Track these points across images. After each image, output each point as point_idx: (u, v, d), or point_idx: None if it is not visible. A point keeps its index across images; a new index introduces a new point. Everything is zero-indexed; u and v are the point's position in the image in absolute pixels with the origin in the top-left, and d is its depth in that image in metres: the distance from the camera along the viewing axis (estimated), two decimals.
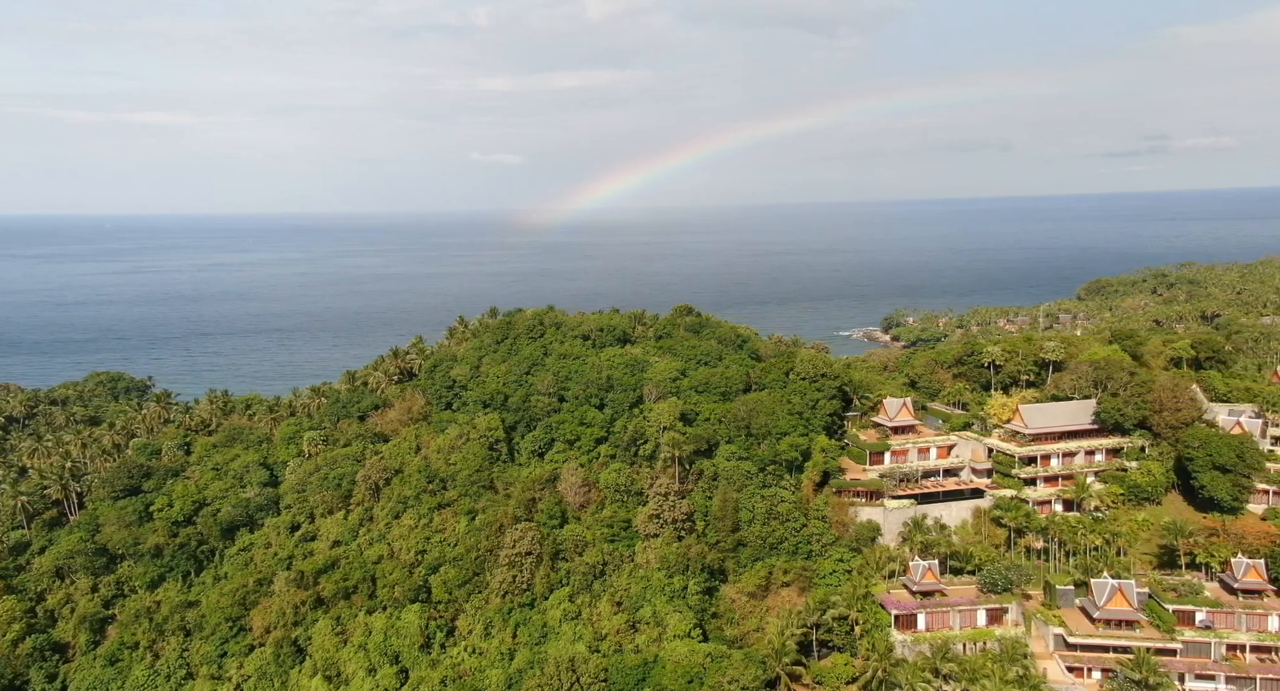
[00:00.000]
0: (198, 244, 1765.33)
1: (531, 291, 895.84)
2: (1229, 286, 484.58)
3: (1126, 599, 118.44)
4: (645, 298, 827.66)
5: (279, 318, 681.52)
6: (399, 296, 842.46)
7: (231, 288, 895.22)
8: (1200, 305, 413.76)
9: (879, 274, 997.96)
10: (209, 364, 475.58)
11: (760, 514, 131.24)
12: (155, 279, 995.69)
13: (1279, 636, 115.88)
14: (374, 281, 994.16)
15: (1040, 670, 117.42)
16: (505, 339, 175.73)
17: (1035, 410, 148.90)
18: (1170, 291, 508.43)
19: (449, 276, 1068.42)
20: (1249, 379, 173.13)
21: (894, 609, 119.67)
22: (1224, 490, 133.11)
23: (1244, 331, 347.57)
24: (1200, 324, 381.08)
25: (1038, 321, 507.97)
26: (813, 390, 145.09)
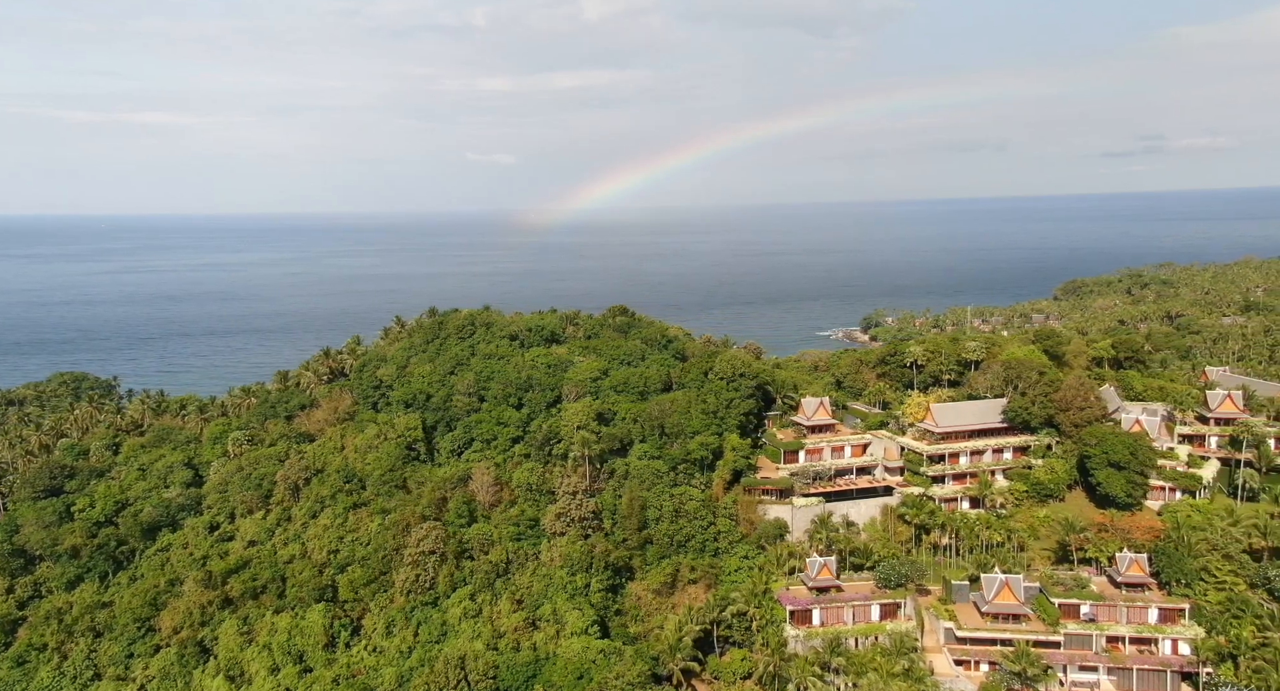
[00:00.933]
0: (192, 244, 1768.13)
1: (518, 291, 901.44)
2: (1200, 287, 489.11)
3: (1013, 593, 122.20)
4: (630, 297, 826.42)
5: (263, 317, 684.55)
6: (386, 296, 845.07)
7: (219, 288, 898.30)
8: (1166, 305, 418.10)
9: (868, 274, 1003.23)
10: (185, 364, 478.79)
11: (668, 512, 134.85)
12: (143, 279, 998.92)
13: (1157, 628, 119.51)
14: (364, 281, 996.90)
15: (928, 663, 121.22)
16: (435, 339, 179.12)
17: (945, 409, 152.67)
18: (1143, 291, 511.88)
19: (440, 276, 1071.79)
20: (1166, 378, 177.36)
21: (789, 604, 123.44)
22: (1119, 487, 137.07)
23: (1203, 331, 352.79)
24: (1162, 323, 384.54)
25: (1012, 321, 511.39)
26: (728, 390, 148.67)
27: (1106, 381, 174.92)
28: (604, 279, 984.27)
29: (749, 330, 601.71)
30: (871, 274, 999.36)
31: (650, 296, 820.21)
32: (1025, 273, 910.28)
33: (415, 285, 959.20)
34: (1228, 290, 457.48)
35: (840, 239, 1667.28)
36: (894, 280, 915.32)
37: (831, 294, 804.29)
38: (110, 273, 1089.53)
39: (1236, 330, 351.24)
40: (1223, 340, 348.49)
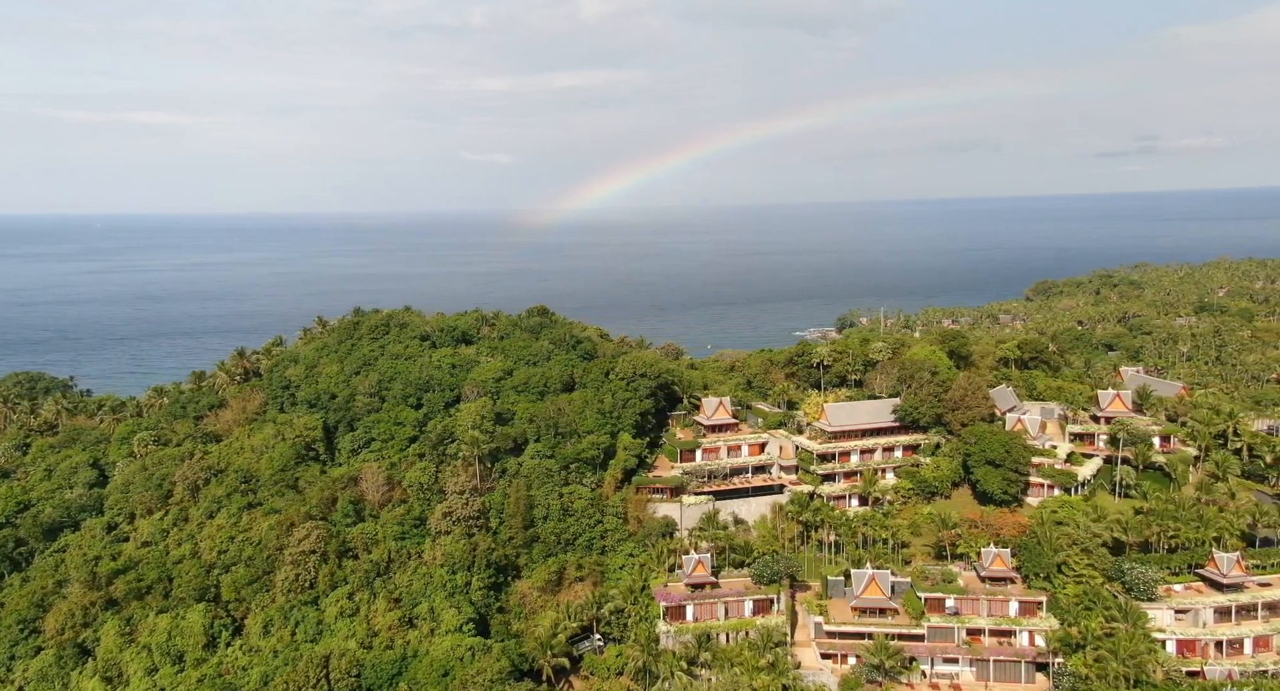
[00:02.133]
0: (185, 244, 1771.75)
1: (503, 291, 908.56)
2: (1164, 287, 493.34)
3: (879, 588, 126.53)
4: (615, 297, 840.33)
5: (243, 317, 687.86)
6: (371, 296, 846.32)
7: (203, 287, 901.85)
8: (1124, 306, 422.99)
9: (855, 274, 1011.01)
10: (156, 365, 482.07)
11: (555, 511, 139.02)
12: (129, 279, 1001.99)
13: (1014, 620, 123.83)
14: (352, 281, 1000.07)
15: (796, 657, 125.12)
16: (348, 339, 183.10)
17: (839, 409, 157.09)
18: (1111, 291, 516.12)
19: (428, 276, 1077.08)
20: (1069, 379, 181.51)
21: (664, 601, 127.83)
22: (995, 484, 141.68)
23: (1155, 332, 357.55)
24: (1117, 325, 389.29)
25: (980, 322, 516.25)
26: (625, 390, 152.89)
27: (1011, 382, 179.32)
28: (591, 279, 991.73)
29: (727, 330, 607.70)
30: (858, 274, 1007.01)
31: (634, 296, 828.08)
32: (1010, 273, 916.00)
33: (402, 285, 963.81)
34: (1190, 291, 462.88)
35: (832, 239, 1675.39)
36: (879, 281, 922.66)
37: (815, 294, 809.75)
38: (96, 272, 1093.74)
39: (1186, 331, 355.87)
40: (1172, 340, 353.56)
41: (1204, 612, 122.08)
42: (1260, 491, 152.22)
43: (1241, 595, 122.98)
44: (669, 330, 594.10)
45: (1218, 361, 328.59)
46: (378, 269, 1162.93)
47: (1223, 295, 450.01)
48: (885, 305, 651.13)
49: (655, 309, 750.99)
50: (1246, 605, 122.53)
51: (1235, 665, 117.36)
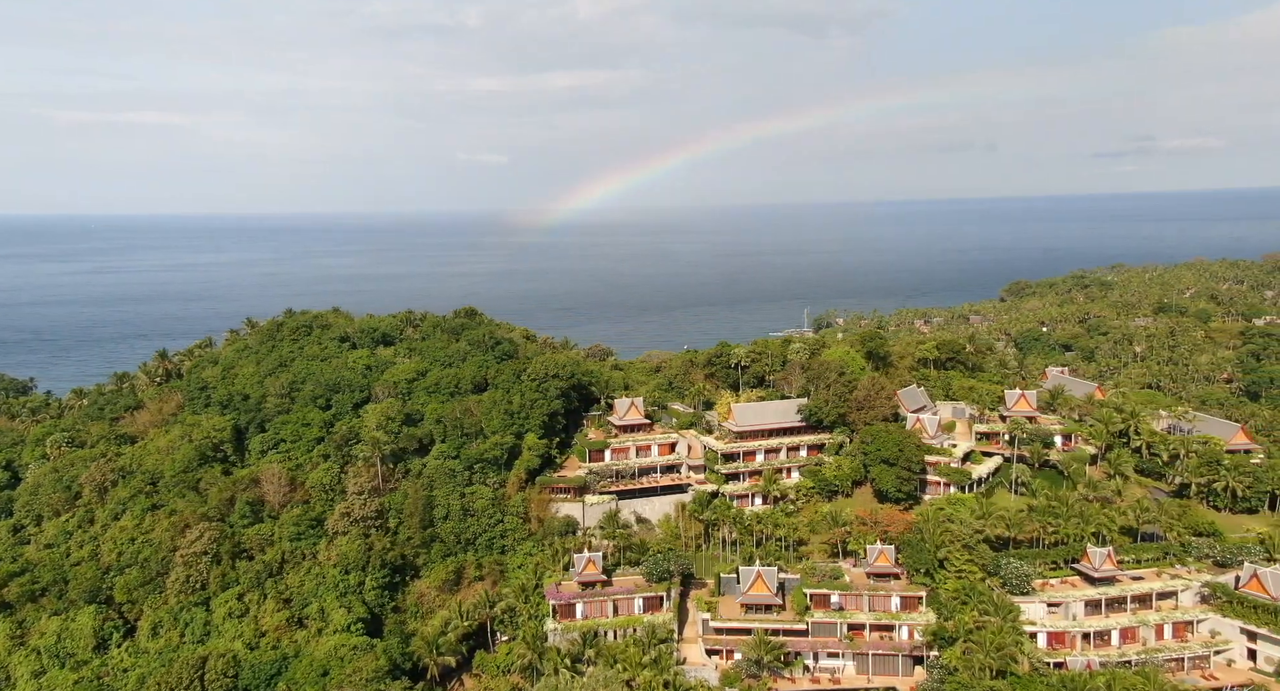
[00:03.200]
0: (177, 244, 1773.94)
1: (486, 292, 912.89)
2: (1132, 288, 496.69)
3: (765, 584, 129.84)
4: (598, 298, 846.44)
5: (222, 319, 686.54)
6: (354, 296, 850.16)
7: (187, 288, 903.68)
8: (1086, 307, 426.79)
9: (842, 275, 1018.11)
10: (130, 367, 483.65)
11: (455, 511, 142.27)
12: (115, 280, 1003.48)
13: (894, 615, 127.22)
14: (336, 282, 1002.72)
15: (682, 654, 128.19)
16: (269, 340, 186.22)
17: (745, 409, 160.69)
18: (1083, 292, 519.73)
19: (415, 276, 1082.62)
20: (986, 379, 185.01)
21: (553, 599, 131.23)
22: (889, 482, 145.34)
23: (1110, 332, 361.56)
24: (1077, 325, 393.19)
25: (951, 322, 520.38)
26: (534, 391, 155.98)
27: (929, 382, 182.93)
28: (578, 280, 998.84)
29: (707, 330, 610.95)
30: (845, 275, 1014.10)
31: (620, 297, 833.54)
32: (994, 273, 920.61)
33: (386, 285, 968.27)
34: (1155, 292, 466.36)
35: (822, 240, 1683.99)
36: (864, 281, 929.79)
37: (798, 295, 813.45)
38: (82, 273, 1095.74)
39: (1142, 332, 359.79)
40: (1126, 341, 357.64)
41: (1074, 605, 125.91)
42: (1157, 488, 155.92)
43: (1111, 589, 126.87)
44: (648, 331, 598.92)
45: (1170, 362, 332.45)
46: (366, 270, 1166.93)
47: (1189, 296, 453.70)
48: (865, 306, 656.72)
49: (638, 310, 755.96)
50: (1116, 598, 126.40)
51: (1099, 656, 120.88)
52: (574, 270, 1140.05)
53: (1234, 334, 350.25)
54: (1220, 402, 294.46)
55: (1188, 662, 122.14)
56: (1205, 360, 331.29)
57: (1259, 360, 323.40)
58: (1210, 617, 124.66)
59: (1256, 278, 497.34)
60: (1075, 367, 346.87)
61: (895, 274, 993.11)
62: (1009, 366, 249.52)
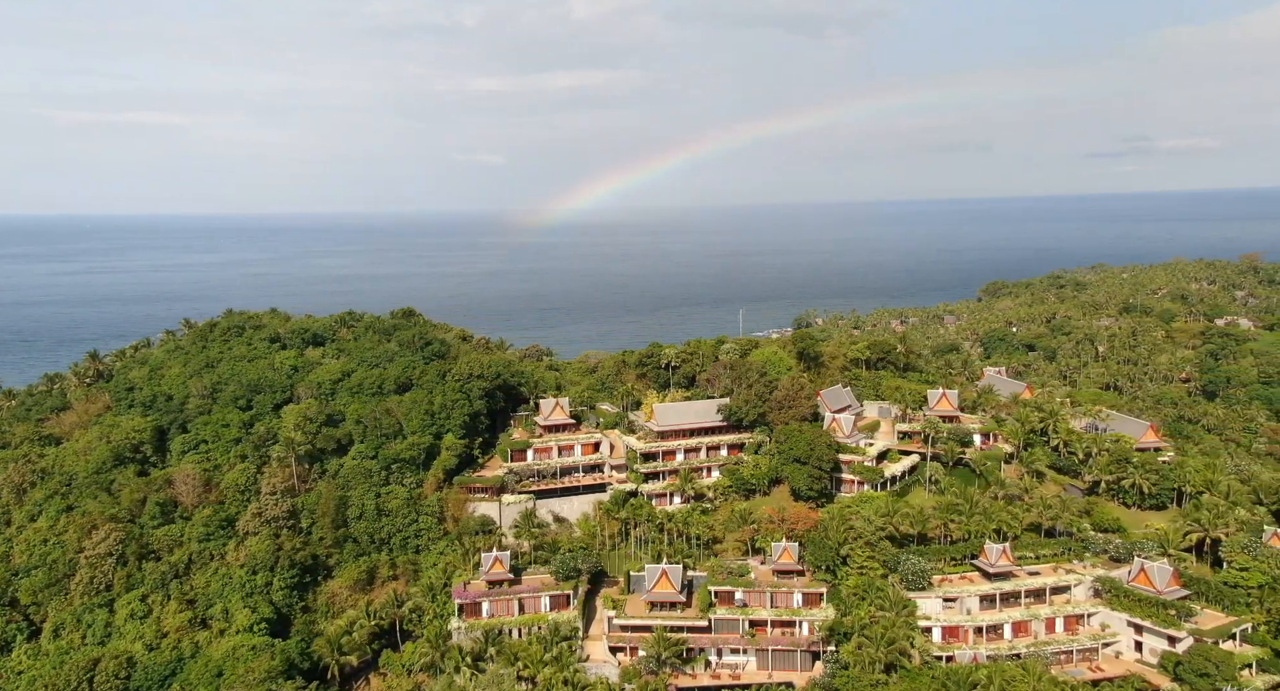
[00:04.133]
0: (172, 244, 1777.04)
1: (475, 293, 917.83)
2: (1106, 288, 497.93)
3: (670, 582, 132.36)
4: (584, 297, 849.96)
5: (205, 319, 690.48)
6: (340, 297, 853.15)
7: (175, 290, 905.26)
8: (1055, 307, 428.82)
9: (832, 275, 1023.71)
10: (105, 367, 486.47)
11: (370, 510, 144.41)
12: (104, 280, 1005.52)
13: (795, 611, 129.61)
14: (328, 282, 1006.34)
15: (586, 651, 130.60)
16: (200, 341, 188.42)
17: (666, 409, 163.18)
18: (1056, 292, 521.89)
19: (406, 277, 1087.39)
20: (915, 380, 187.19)
21: (459, 598, 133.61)
22: (801, 481, 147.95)
23: (1073, 332, 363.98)
24: (1044, 325, 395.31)
25: (927, 322, 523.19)
26: (456, 391, 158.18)
27: (861, 382, 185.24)
28: (569, 280, 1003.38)
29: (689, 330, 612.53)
30: (835, 275, 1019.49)
31: (608, 297, 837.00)
32: (982, 273, 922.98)
33: (377, 285, 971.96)
34: (1126, 292, 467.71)
35: (816, 240, 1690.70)
36: (853, 281, 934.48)
37: (785, 295, 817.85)
38: (72, 273, 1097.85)
39: (1105, 332, 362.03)
40: (1088, 341, 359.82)
41: (970, 600, 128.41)
42: (1073, 485, 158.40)
43: (1006, 584, 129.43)
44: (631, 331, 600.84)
45: (1129, 362, 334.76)
46: (359, 270, 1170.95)
47: (1159, 296, 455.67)
48: (852, 306, 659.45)
49: (625, 310, 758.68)
50: (1010, 593, 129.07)
51: (992, 649, 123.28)
52: (567, 270, 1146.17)
53: (1194, 334, 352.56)
54: (1174, 402, 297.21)
55: (1076, 655, 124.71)
56: (1165, 360, 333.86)
57: (1217, 360, 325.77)
58: (1101, 611, 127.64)
59: (1229, 278, 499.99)
60: (1037, 367, 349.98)
61: (887, 274, 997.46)
62: (954, 367, 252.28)
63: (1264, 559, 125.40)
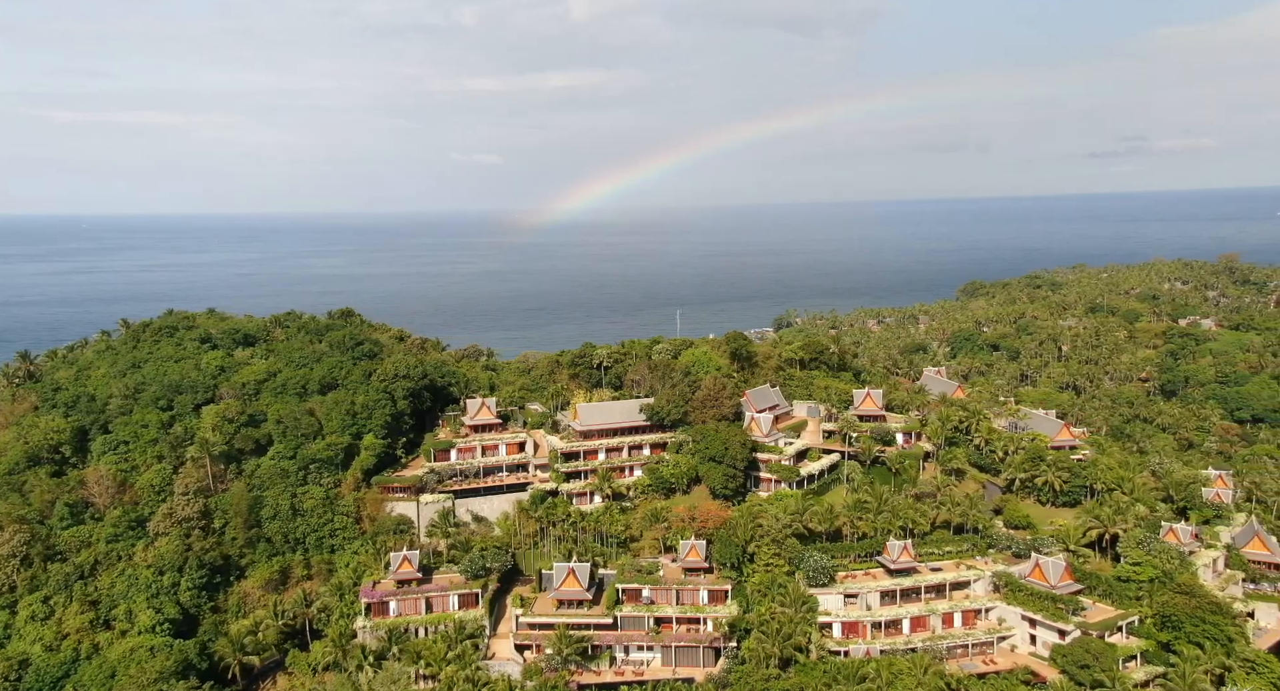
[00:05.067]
0: (163, 244, 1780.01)
1: (461, 293, 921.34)
2: (1079, 289, 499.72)
3: (577, 580, 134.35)
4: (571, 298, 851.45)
5: None
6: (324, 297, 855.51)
7: (160, 290, 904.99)
8: (1023, 307, 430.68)
9: (819, 275, 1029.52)
10: None
11: (285, 510, 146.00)
12: (90, 280, 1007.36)
13: (699, 608, 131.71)
14: (313, 282, 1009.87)
15: (492, 649, 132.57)
16: (130, 341, 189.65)
17: (590, 409, 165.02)
18: (1028, 292, 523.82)
19: (393, 277, 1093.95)
20: (846, 380, 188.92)
21: (366, 597, 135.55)
22: (716, 480, 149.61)
23: (1036, 333, 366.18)
24: (1012, 325, 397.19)
25: (903, 321, 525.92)
26: (379, 392, 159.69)
27: (795, 381, 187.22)
28: (557, 280, 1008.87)
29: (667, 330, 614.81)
30: (822, 275, 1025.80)
31: (593, 297, 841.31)
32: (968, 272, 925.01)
33: (362, 285, 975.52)
34: (1099, 292, 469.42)
35: (808, 240, 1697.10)
36: (839, 281, 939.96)
37: (770, 294, 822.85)
38: (60, 273, 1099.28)
39: (1069, 332, 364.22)
40: (1052, 341, 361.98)
41: (870, 596, 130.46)
42: (993, 483, 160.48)
43: (906, 580, 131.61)
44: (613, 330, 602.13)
45: (1090, 362, 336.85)
46: (347, 270, 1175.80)
47: (1131, 296, 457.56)
48: (834, 306, 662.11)
49: (607, 310, 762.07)
50: (910, 589, 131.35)
51: (887, 643, 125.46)
52: (555, 270, 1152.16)
53: (1157, 334, 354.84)
54: (1130, 402, 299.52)
55: (972, 648, 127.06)
56: (1126, 360, 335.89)
57: (1176, 360, 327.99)
58: (998, 606, 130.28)
59: (1202, 278, 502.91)
60: (1000, 367, 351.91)
61: (876, 274, 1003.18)
62: (899, 367, 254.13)
63: (1157, 554, 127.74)
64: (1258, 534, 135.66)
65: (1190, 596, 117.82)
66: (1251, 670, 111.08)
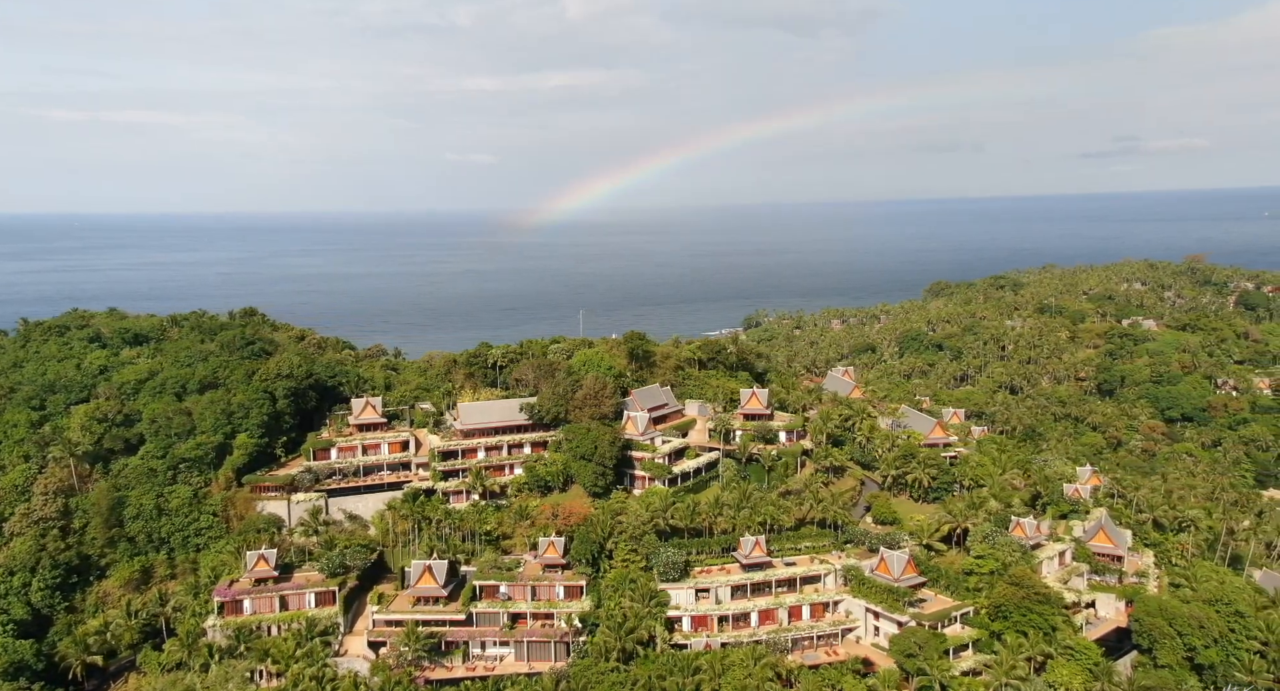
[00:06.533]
0: (152, 243, 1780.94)
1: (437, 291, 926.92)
2: (1036, 289, 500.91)
3: (433, 577, 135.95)
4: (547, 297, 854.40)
5: None
6: (304, 296, 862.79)
7: (139, 289, 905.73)
8: (975, 308, 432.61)
9: (799, 274, 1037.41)
10: None
11: (148, 509, 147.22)
12: (70, 278, 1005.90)
13: (553, 604, 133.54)
14: (294, 281, 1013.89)
15: (345, 647, 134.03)
16: (21, 340, 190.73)
17: (471, 408, 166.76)
18: (1000, 292, 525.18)
19: (377, 276, 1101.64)
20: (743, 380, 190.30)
21: (219, 596, 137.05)
22: (586, 478, 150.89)
23: (981, 333, 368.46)
24: (955, 325, 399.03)
25: (865, 321, 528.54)
26: (258, 391, 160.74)
27: (692, 380, 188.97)
28: (537, 279, 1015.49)
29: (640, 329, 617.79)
30: (808, 274, 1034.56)
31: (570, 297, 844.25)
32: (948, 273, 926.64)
33: (343, 285, 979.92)
34: (1057, 292, 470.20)
35: (801, 240, 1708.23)
36: (820, 281, 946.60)
37: (747, 294, 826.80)
38: (41, 272, 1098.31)
39: (1012, 333, 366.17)
40: (994, 341, 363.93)
41: (722, 590, 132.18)
42: (870, 480, 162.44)
43: (756, 574, 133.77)
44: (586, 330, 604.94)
45: (1030, 362, 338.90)
46: (329, 269, 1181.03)
47: (1089, 296, 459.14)
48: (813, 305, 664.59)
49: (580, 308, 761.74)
50: (761, 583, 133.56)
51: (734, 636, 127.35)
52: (539, 270, 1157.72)
53: (1098, 334, 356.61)
54: (1063, 401, 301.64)
55: (818, 640, 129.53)
56: (1065, 360, 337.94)
57: (1114, 359, 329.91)
58: (846, 599, 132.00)
59: (1161, 279, 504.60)
60: (940, 367, 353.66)
61: (856, 274, 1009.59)
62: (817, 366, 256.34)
63: (1000, 547, 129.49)
64: (1104, 528, 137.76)
65: (1019, 587, 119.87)
66: (1070, 656, 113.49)
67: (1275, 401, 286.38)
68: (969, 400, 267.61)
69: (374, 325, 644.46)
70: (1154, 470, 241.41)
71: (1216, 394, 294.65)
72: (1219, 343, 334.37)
